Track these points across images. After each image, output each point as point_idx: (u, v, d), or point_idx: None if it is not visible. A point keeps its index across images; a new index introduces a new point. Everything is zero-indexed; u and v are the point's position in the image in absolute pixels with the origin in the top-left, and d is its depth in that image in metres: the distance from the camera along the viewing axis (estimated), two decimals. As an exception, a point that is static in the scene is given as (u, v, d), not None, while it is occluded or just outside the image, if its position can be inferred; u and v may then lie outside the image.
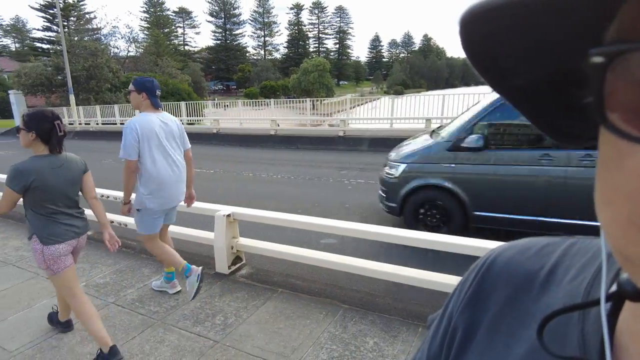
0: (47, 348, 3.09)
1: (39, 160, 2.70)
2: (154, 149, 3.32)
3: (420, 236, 3.23)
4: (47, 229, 2.75)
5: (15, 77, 27.69)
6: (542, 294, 0.41)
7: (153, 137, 3.31)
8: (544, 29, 0.23)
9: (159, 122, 3.35)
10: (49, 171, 2.68)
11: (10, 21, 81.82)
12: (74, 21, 48.96)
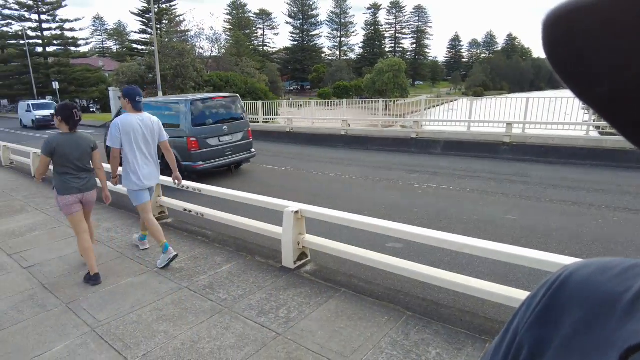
0: (129, 322, 3.38)
1: (62, 135, 4.07)
2: (132, 141, 4.37)
3: (492, 247, 3.04)
4: (61, 184, 4.05)
5: (114, 75, 30.73)
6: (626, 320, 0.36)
7: (130, 132, 4.34)
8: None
9: (137, 121, 4.39)
10: (66, 143, 4.03)
11: (113, 26, 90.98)
12: (165, 24, 53.10)
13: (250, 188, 7.50)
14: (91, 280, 4.12)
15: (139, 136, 4.41)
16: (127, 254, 4.85)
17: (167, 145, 4.73)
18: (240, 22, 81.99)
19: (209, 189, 5.28)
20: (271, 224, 4.71)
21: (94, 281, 4.12)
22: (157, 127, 4.61)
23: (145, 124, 4.49)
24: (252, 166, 11.22)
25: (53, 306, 3.72)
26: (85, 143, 4.19)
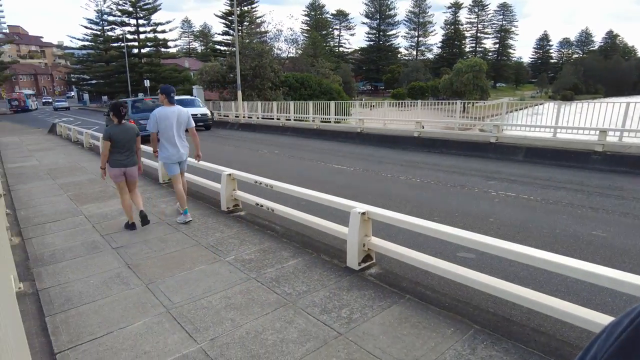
0: (200, 307, 3.59)
1: (114, 126, 5.56)
2: (166, 127, 5.74)
3: (579, 265, 2.77)
4: (112, 161, 5.55)
5: (198, 74, 32.85)
6: None
7: (165, 120, 5.71)
8: None
9: (170, 112, 5.76)
10: (117, 132, 5.50)
11: (200, 28, 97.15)
12: (246, 26, 55.63)
13: (318, 187, 7.60)
14: (129, 227, 5.73)
15: (171, 123, 5.76)
16: (203, 242, 5.15)
17: (194, 131, 6.10)
18: (317, 23, 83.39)
19: (280, 186, 5.43)
20: (336, 223, 4.73)
21: (131, 227, 5.70)
22: (186, 116, 5.93)
23: (176, 114, 5.82)
24: (321, 165, 11.36)
25: (135, 285, 4.07)
26: (131, 131, 5.68)
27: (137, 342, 3.11)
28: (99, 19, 55.66)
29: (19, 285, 4.02)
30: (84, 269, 4.50)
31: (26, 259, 4.85)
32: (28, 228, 6.00)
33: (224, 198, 6.41)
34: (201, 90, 31.03)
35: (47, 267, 4.58)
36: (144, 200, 6.38)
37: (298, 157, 13.06)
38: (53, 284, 4.16)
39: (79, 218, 6.41)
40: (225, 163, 7.68)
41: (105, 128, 5.78)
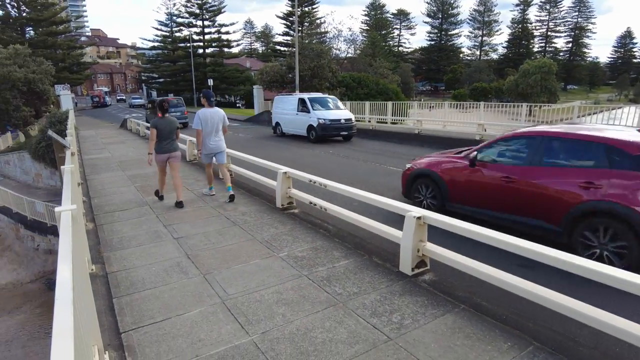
0: (253, 300, 3.68)
1: (159, 118, 6.76)
2: (207, 125, 6.95)
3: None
4: (158, 147, 6.72)
5: (259, 74, 33.76)
6: None
7: (206, 119, 6.92)
8: None
9: (210, 113, 6.98)
10: (161, 123, 6.68)
11: (261, 28, 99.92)
12: (306, 26, 56.37)
13: (371, 188, 7.52)
14: (157, 194, 7.26)
15: (211, 122, 6.98)
16: (258, 237, 5.28)
17: (226, 129, 7.36)
18: (377, 23, 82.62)
19: (333, 185, 5.44)
20: (390, 226, 4.65)
21: (160, 199, 7.17)
22: (222, 116, 7.17)
23: (214, 114, 7.03)
24: (375, 166, 11.24)
25: (193, 275, 4.26)
26: (173, 123, 6.89)
27: (193, 330, 3.25)
28: (168, 20, 59.06)
29: (91, 267, 4.36)
30: (147, 257, 4.78)
31: (98, 243, 5.25)
32: (100, 215, 6.49)
33: (279, 195, 6.54)
34: (261, 90, 31.90)
35: (115, 253, 4.92)
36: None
37: (352, 157, 13.03)
38: (120, 269, 4.46)
39: (144, 208, 6.83)
40: (279, 161, 7.83)
41: (152, 120, 7.06)
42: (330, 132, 16.20)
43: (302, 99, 17.29)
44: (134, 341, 3.12)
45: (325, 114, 16.31)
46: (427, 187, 6.49)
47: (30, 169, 23.44)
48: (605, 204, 4.37)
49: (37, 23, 43.46)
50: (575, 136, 4.92)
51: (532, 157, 5.15)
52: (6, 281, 15.89)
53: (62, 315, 1.34)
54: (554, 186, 4.83)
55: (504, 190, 5.32)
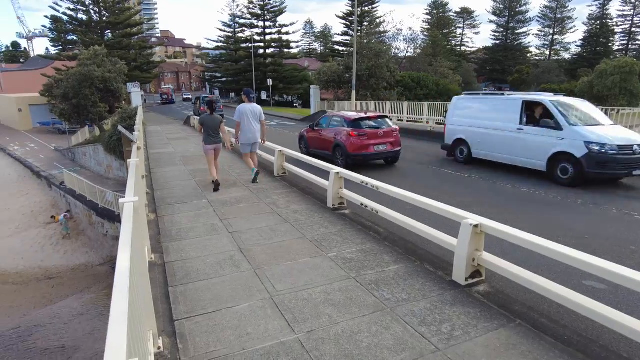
0: (300, 298, 3.70)
1: (206, 115, 8.09)
2: (245, 118, 8.04)
3: None
4: (206, 139, 8.04)
5: (317, 74, 34.08)
6: None
7: (245, 113, 8.04)
8: None
9: (249, 108, 8.09)
10: (208, 119, 7.99)
11: (320, 29, 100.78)
12: (366, 26, 56.02)
13: (425, 192, 7.33)
14: (213, 184, 7.90)
15: (248, 116, 8.11)
16: (308, 236, 5.32)
17: (264, 122, 8.43)
18: (439, 22, 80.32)
19: (386, 188, 5.35)
20: (444, 232, 4.48)
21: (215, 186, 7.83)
22: (259, 111, 8.28)
23: (252, 109, 8.17)
24: (432, 170, 10.92)
25: (245, 269, 4.37)
26: (218, 119, 8.13)
27: (241, 323, 3.33)
28: (231, 22, 61.25)
29: (151, 255, 4.62)
30: (203, 249, 4.98)
31: (158, 233, 5.55)
32: (162, 207, 6.86)
33: (330, 195, 6.54)
34: (317, 90, 32.20)
35: (174, 243, 5.18)
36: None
37: (408, 159, 12.75)
38: (177, 259, 4.68)
39: (203, 202, 7.12)
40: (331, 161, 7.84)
41: (201, 116, 8.37)
42: (617, 170, 8.27)
43: (534, 103, 9.55)
44: (185, 330, 3.26)
45: (604, 133, 8.41)
46: (302, 142, 13.03)
47: (103, 161, 25.37)
48: (337, 141, 10.86)
49: (115, 26, 46.89)
50: (337, 115, 12.04)
51: (326, 124, 11.89)
52: (80, 262, 17.34)
53: (119, 302, 1.42)
54: (330, 135, 11.26)
55: (319, 138, 11.90)
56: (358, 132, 10.51)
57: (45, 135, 39.97)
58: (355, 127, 10.60)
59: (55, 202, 23.18)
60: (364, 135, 10.51)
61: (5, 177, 27.51)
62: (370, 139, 10.56)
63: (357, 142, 10.40)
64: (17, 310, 13.78)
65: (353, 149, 10.41)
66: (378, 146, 10.70)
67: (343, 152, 10.59)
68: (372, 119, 11.10)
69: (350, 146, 10.43)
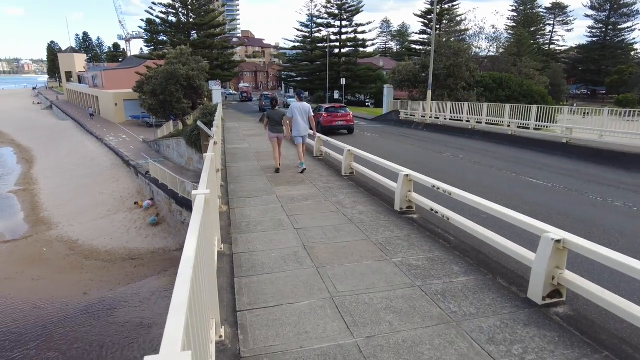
0: (361, 302, 3.62)
1: (271, 110, 9.84)
2: (296, 114, 9.49)
3: None
4: (270, 129, 9.61)
5: (391, 74, 33.49)
6: None
7: (296, 110, 9.52)
8: None
9: (299, 106, 9.58)
10: (273, 113, 9.68)
11: (397, 27, 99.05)
12: (445, 24, 53.96)
13: (502, 200, 6.88)
14: (275, 171, 9.43)
15: (298, 113, 9.54)
16: (372, 238, 5.22)
17: (312, 118, 9.72)
18: (526, 19, 74.97)
19: (459, 194, 5.06)
20: (519, 244, 4.14)
21: (276, 171, 9.41)
22: (308, 108, 9.68)
23: (301, 107, 9.62)
24: (510, 176, 10.22)
25: (308, 266, 4.39)
26: (280, 113, 9.76)
27: (301, 320, 3.34)
28: (309, 21, 62.35)
29: (220, 246, 4.81)
30: (269, 242, 5.09)
31: (229, 225, 5.78)
32: (234, 199, 7.15)
33: (398, 198, 6.36)
34: (391, 89, 31.66)
35: (242, 235, 5.36)
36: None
37: (484, 164, 12.07)
38: (244, 251, 4.84)
39: (272, 197, 7.30)
40: (402, 162, 7.61)
41: (267, 111, 10.10)
42: None
43: None
44: (247, 321, 3.33)
45: None
46: None
47: (184, 153, 27.17)
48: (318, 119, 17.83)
49: (200, 27, 49.92)
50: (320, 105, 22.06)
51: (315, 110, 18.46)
52: (159, 247, 18.74)
53: (180, 291, 1.45)
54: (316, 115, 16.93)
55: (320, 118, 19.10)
56: (328, 114, 19.97)
57: (136, 127, 43.75)
58: (327, 111, 20.24)
59: (140, 189, 25.27)
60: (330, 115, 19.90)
61: (102, 164, 30.57)
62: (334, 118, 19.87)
63: (327, 119, 19.71)
64: (105, 284, 15.25)
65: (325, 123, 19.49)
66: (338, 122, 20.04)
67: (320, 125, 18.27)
68: (336, 108, 20.81)
69: (323, 121, 19.38)
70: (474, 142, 17.15)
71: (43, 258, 17.56)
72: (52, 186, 28.32)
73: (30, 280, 15.49)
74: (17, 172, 33.25)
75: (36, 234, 20.44)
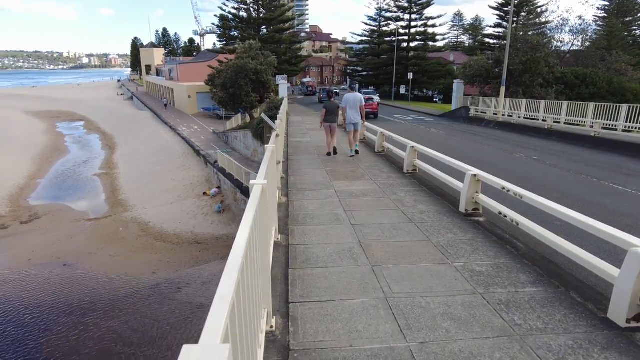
0: (417, 305, 3.46)
1: (327, 101, 10.99)
2: (348, 105, 10.52)
3: None
4: (326, 118, 10.72)
5: (461, 68, 32.00)
6: None
7: (349, 101, 10.54)
8: None
9: (352, 97, 10.57)
10: (329, 104, 10.79)
11: (470, 21, 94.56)
12: (523, 16, 50.48)
13: (579, 207, 6.28)
14: (328, 155, 10.70)
15: (351, 103, 10.46)
16: (433, 240, 4.99)
17: (362, 108, 10.64)
18: (620, 8, 67.94)
19: (532, 198, 4.66)
20: (598, 256, 3.71)
21: (328, 155, 10.68)
22: (360, 99, 10.64)
23: (354, 98, 10.53)
24: (590, 181, 9.32)
25: (363, 264, 4.29)
26: (335, 104, 10.79)
27: (352, 318, 3.26)
28: (377, 15, 61.46)
29: (277, 236, 4.86)
30: (325, 236, 5.06)
31: (287, 216, 5.83)
32: (293, 192, 7.21)
33: (463, 199, 6.02)
34: (461, 85, 30.29)
35: (299, 227, 5.37)
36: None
37: (561, 167, 11.14)
38: (300, 243, 4.84)
39: (330, 191, 7.27)
40: (469, 161, 7.17)
41: (324, 103, 11.14)
42: None
43: None
44: (298, 313, 3.32)
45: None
46: None
47: (250, 145, 28.08)
48: None
49: (269, 22, 51.17)
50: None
51: None
52: (222, 233, 19.58)
53: (227, 280, 1.43)
54: None
55: None
56: None
57: (207, 119, 45.96)
58: None
59: (208, 177, 26.52)
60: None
61: (174, 153, 32.51)
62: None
63: None
64: (172, 265, 16.24)
65: None
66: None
67: None
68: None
69: None
70: (550, 143, 15.91)
71: (119, 237, 19.08)
72: (130, 171, 30.65)
73: (108, 256, 16.91)
74: (101, 157, 36.43)
75: (114, 214, 22.25)
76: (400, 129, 19.97)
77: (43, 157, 35.02)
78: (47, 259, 16.29)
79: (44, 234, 19.19)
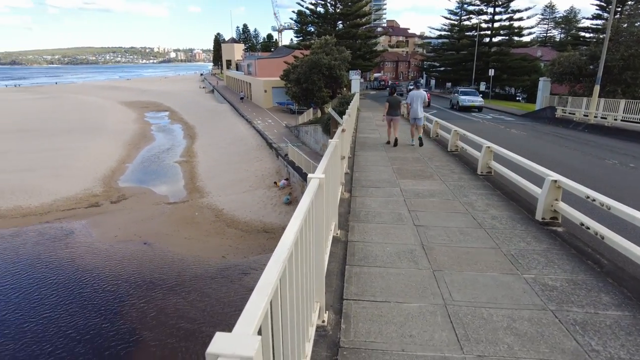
0: (478, 316, 3.24)
1: (390, 96, 12.13)
2: (412, 100, 11.87)
3: None
4: (388, 112, 11.72)
5: (549, 65, 29.47)
6: None
7: (412, 96, 11.96)
8: None
9: (416, 93, 11.99)
10: (392, 99, 11.87)
11: (564, 13, 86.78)
12: (630, 5, 45.14)
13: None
14: (387, 144, 12.04)
15: (415, 99, 11.71)
16: (503, 248, 4.65)
17: (426, 103, 11.99)
18: None
19: (622, 209, 4.15)
20: None
21: (387, 143, 12.04)
22: (423, 95, 11.89)
23: (418, 94, 11.82)
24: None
25: (423, 267, 4.12)
26: (398, 99, 11.89)
27: (407, 322, 3.14)
28: (458, 9, 58.68)
29: (337, 231, 4.83)
30: (385, 236, 4.94)
31: (348, 212, 5.79)
32: (356, 188, 7.14)
33: (541, 206, 5.54)
34: (548, 83, 27.97)
35: (359, 224, 5.30)
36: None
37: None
38: (359, 240, 4.78)
39: (395, 190, 7.09)
40: (551, 166, 6.56)
41: (387, 97, 12.00)
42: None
43: None
44: (352, 311, 3.27)
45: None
46: None
47: (319, 140, 28.38)
48: None
49: (346, 17, 51.06)
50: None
51: None
52: (284, 224, 20.08)
53: (270, 272, 1.42)
54: None
55: None
56: None
57: (280, 113, 47.25)
58: None
59: (279, 169, 27.30)
60: None
61: (249, 144, 33.89)
62: None
63: None
64: (240, 251, 16.99)
65: None
66: None
67: None
68: None
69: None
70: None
71: (194, 221, 20.34)
72: (207, 160, 32.50)
73: (183, 238, 18.11)
74: (182, 146, 39.01)
75: (191, 199, 23.76)
76: (477, 128, 18.95)
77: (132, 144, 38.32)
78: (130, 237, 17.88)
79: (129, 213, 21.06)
